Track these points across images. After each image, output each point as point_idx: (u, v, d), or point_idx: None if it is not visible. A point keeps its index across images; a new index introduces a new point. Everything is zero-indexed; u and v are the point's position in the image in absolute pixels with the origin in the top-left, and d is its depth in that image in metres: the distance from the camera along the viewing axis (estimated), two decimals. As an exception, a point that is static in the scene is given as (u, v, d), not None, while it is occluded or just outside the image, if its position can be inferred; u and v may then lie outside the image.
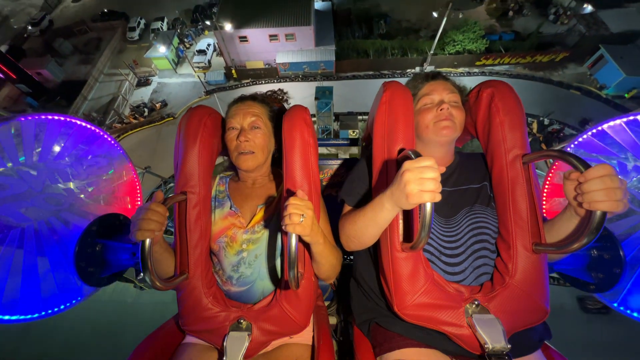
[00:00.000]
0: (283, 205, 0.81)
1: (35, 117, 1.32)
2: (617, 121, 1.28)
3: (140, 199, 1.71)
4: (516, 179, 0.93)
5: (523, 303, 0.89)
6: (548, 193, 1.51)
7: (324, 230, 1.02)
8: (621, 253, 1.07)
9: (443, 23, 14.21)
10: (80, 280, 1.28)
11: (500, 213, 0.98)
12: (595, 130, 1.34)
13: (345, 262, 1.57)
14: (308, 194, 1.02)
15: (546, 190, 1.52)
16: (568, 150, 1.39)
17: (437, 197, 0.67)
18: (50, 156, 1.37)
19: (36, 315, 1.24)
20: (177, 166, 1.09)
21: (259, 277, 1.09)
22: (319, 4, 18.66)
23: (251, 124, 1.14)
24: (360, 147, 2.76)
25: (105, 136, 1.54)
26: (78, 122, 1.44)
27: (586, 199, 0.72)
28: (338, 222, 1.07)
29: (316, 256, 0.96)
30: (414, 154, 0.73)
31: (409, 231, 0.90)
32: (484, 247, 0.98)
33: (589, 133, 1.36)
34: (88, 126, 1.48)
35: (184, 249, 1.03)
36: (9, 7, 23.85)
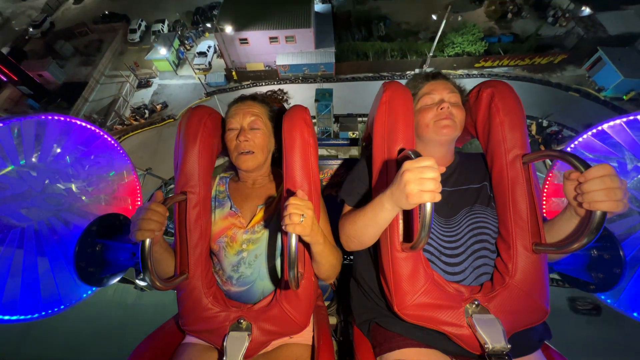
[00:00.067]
0: (283, 205, 0.81)
1: (35, 117, 1.33)
2: (617, 121, 1.28)
3: (140, 200, 1.71)
4: (516, 179, 0.93)
5: (523, 303, 0.88)
6: (548, 193, 1.51)
7: (324, 230, 1.02)
8: (621, 253, 1.07)
9: (442, 25, 14.28)
10: (80, 280, 1.28)
11: (500, 213, 0.97)
12: (595, 130, 1.34)
13: (345, 262, 1.57)
14: (308, 194, 1.02)
15: (546, 190, 1.52)
16: (568, 150, 1.40)
17: (437, 197, 0.67)
18: (50, 156, 1.37)
19: (36, 315, 1.23)
20: (177, 166, 1.09)
21: (259, 277, 1.09)
22: (319, 7, 18.77)
23: (251, 124, 1.14)
24: (360, 148, 2.77)
25: (105, 136, 1.54)
26: (78, 122, 1.45)
27: (586, 199, 0.72)
28: (338, 222, 1.07)
29: (316, 256, 0.96)
30: (414, 154, 0.73)
31: (409, 231, 0.90)
32: (484, 247, 0.98)
33: (589, 133, 1.36)
34: (88, 126, 1.48)
35: (184, 249, 1.03)
36: (10, 9, 23.97)
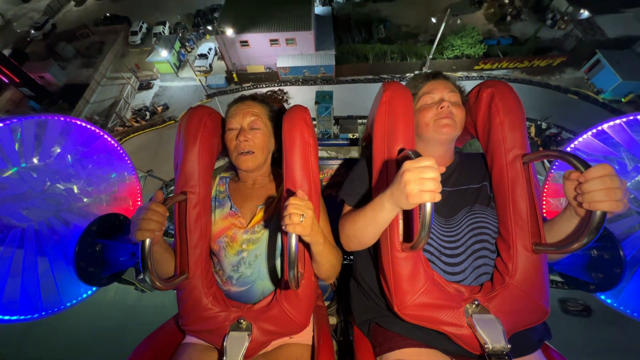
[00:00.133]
0: (283, 205, 0.81)
1: (35, 118, 1.33)
2: (617, 121, 1.27)
3: (140, 200, 1.71)
4: (516, 179, 0.93)
5: (523, 303, 0.88)
6: (548, 193, 1.51)
7: (324, 230, 1.02)
8: (621, 253, 1.07)
9: (442, 28, 14.34)
10: (80, 280, 1.28)
11: (500, 213, 0.98)
12: (595, 130, 1.34)
13: (345, 262, 1.57)
14: (308, 194, 1.02)
15: (546, 190, 1.52)
16: (568, 150, 1.40)
17: (437, 197, 0.67)
18: (50, 156, 1.37)
19: (36, 315, 1.23)
20: (177, 166, 1.09)
21: (259, 277, 1.09)
22: (319, 9, 18.88)
23: (251, 124, 1.14)
24: (360, 148, 2.77)
25: (105, 137, 1.55)
26: (78, 122, 1.45)
27: (586, 199, 0.72)
28: (338, 222, 1.07)
29: (316, 256, 0.96)
30: (414, 154, 0.73)
31: (409, 231, 0.90)
32: (484, 247, 0.98)
33: (589, 133, 1.36)
34: (88, 126, 1.48)
35: (184, 249, 1.03)
36: (12, 11, 24.10)
